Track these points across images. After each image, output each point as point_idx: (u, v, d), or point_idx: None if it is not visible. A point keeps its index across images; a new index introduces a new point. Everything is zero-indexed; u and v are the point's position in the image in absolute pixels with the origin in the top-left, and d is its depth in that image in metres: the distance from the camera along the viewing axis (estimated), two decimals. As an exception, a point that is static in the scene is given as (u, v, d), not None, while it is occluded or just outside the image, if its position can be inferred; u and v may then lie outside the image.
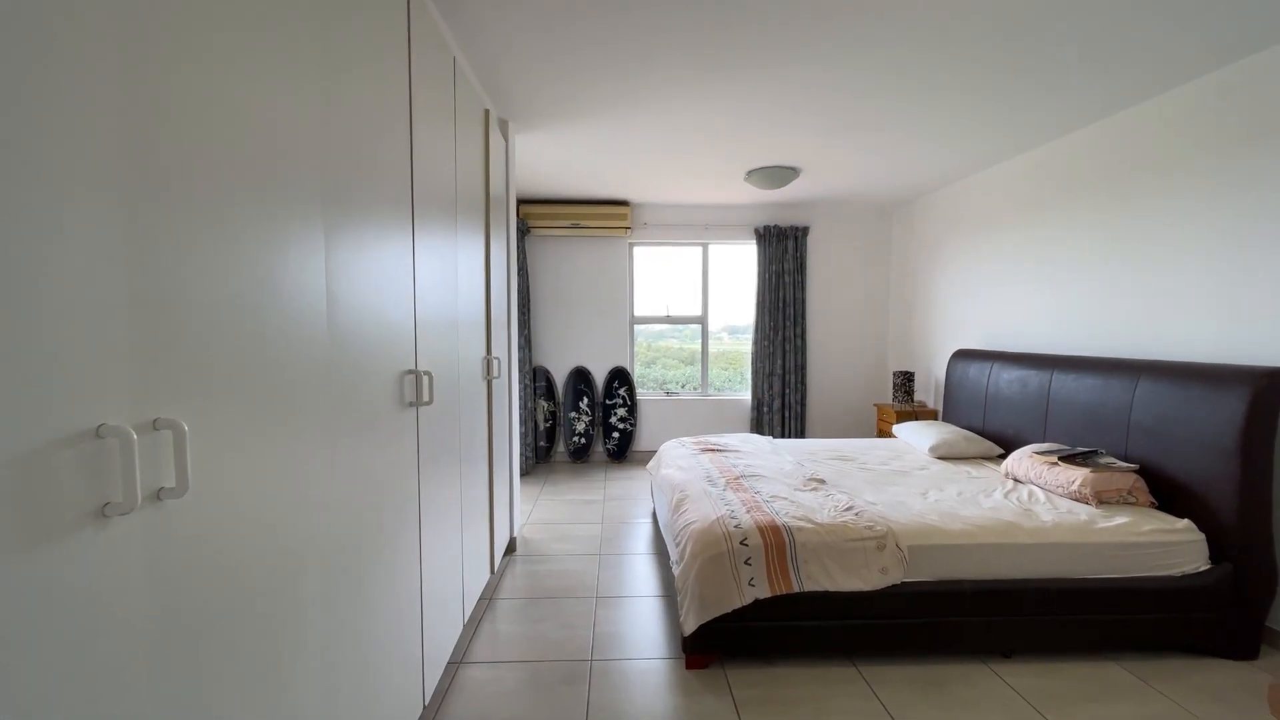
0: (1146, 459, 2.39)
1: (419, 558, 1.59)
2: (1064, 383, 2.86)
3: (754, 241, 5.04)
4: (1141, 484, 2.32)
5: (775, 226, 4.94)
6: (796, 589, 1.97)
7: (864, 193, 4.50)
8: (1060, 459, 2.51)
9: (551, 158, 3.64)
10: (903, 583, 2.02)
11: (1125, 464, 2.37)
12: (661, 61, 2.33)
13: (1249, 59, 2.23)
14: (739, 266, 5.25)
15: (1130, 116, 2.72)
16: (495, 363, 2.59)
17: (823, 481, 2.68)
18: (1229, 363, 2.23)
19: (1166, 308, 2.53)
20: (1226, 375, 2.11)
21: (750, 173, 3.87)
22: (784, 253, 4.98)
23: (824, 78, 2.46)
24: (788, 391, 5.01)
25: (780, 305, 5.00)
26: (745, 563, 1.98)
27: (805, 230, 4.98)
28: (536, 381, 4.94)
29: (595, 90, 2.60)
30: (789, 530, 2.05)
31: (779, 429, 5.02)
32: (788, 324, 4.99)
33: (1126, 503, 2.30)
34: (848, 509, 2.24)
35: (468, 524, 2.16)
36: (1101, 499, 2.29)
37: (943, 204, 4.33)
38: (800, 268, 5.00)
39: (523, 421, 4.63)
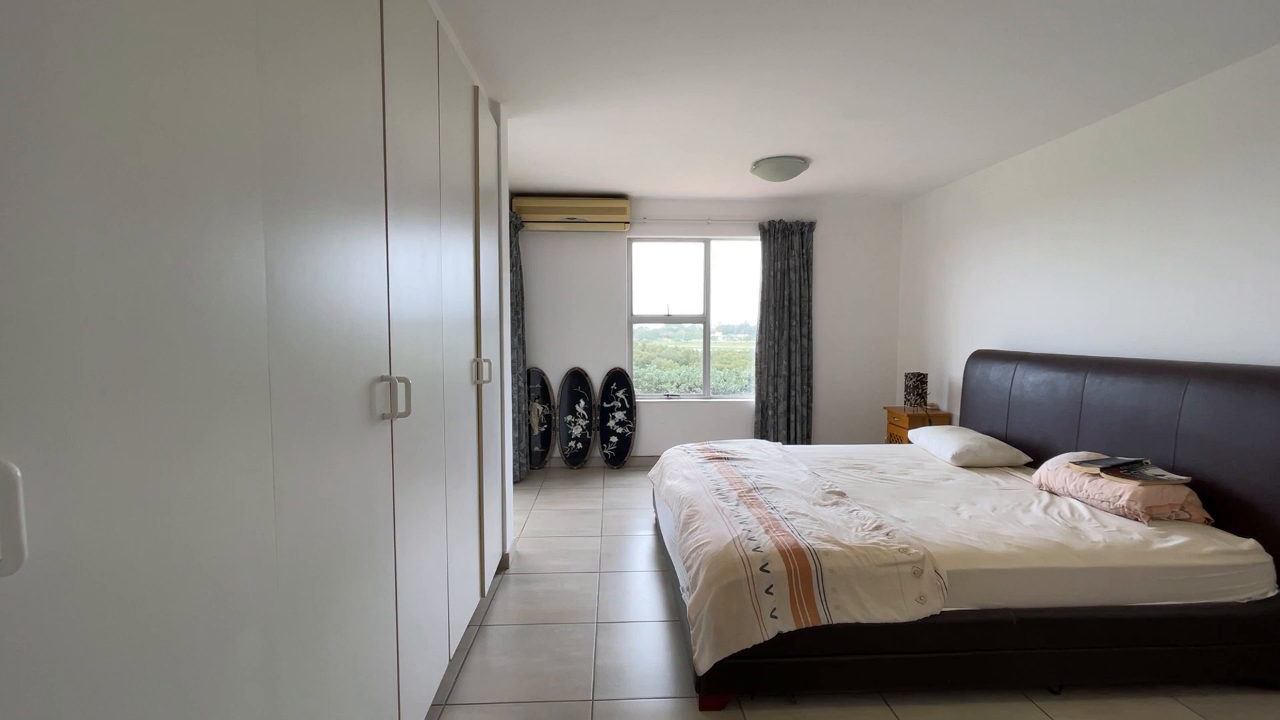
0: (1198, 470, 2.19)
1: (394, 588, 1.37)
2: (1099, 386, 2.66)
3: (758, 237, 4.83)
4: (1195, 498, 2.12)
5: (780, 221, 4.73)
6: (824, 621, 1.76)
7: (874, 185, 4.29)
8: (1102, 470, 2.30)
9: (546, 146, 3.41)
10: (941, 612, 1.80)
11: (1176, 476, 2.17)
12: (665, 36, 2.11)
13: (1315, 32, 2.02)
14: (742, 263, 5.03)
15: (1175, 98, 2.52)
16: (485, 365, 2.36)
17: (843, 494, 2.46)
18: (1296, 365, 2.03)
19: (1219, 304, 2.33)
20: (1295, 379, 1.91)
21: (758, 163, 3.66)
22: (789, 249, 4.77)
23: (838, 58, 2.25)
24: (794, 394, 4.81)
25: (785, 304, 4.79)
26: (767, 591, 1.77)
27: (812, 225, 4.77)
28: (531, 384, 4.71)
29: (594, 68, 2.38)
30: (814, 554, 1.83)
31: (785, 433, 4.81)
32: (793, 323, 4.78)
33: (1179, 519, 2.10)
34: (876, 528, 2.03)
35: (454, 543, 1.93)
36: (1153, 515, 2.09)
37: (958, 196, 4.13)
38: (806, 264, 4.79)
39: (516, 426, 4.40)
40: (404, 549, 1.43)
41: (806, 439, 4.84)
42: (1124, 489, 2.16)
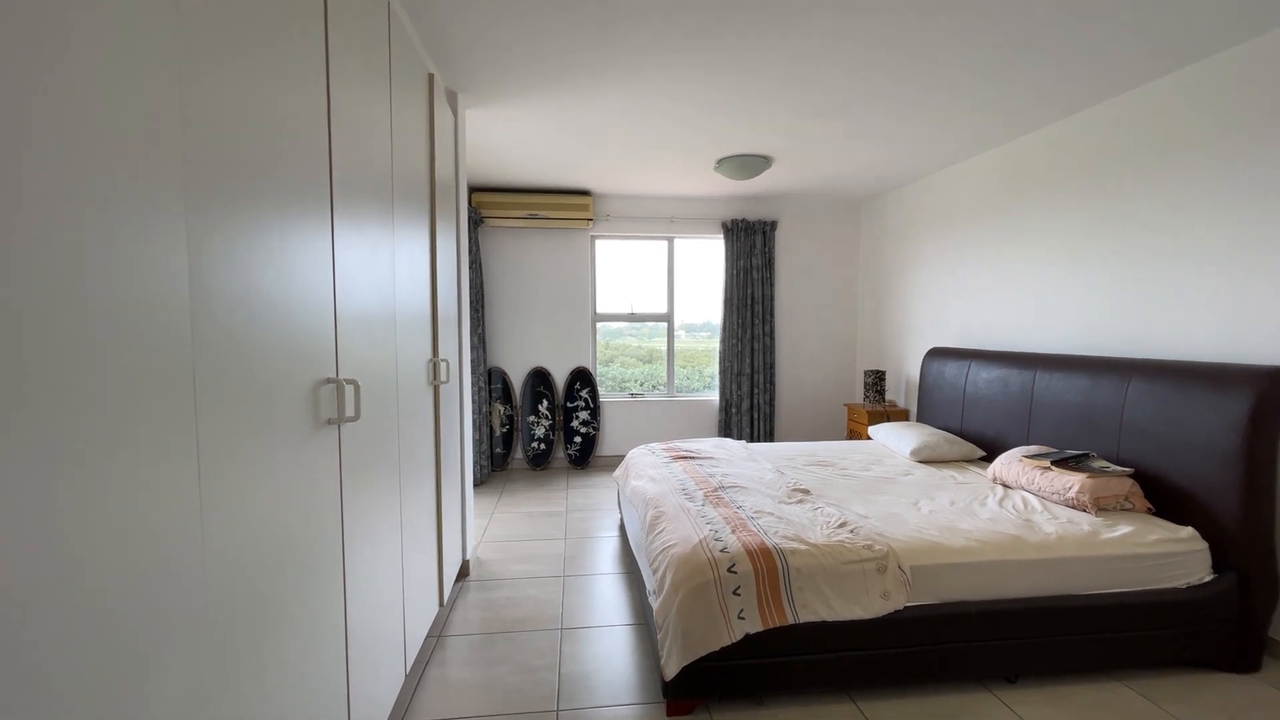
0: (1141, 462, 2.29)
1: (343, 603, 1.28)
2: (1049, 382, 2.75)
3: (721, 236, 4.84)
4: (1138, 489, 2.21)
5: (743, 220, 4.75)
6: (791, 621, 1.75)
7: (834, 185, 4.36)
8: (1052, 463, 2.38)
9: (507, 139, 3.32)
10: (905, 607, 1.82)
11: (1120, 468, 2.26)
12: (629, 27, 2.07)
13: (1247, 44, 2.14)
14: (705, 262, 5.04)
15: (1119, 104, 2.63)
16: (443, 365, 2.27)
17: (808, 492, 2.47)
18: (1231, 361, 2.14)
19: (1161, 303, 2.44)
20: (1229, 375, 2.01)
21: (721, 161, 3.65)
22: (752, 248, 4.80)
23: (800, 60, 2.25)
24: (757, 392, 4.84)
25: (748, 302, 4.81)
26: (734, 593, 1.75)
27: (774, 224, 4.81)
28: (492, 384, 4.60)
29: (554, 59, 2.31)
30: (781, 553, 1.82)
31: (748, 431, 4.84)
32: (756, 322, 4.82)
33: (1124, 509, 2.19)
34: (841, 525, 2.04)
35: (410, 552, 1.84)
36: (1100, 506, 2.17)
37: (915, 198, 4.23)
38: (769, 263, 4.83)
39: (477, 428, 4.28)
40: (354, 561, 1.34)
41: (770, 436, 4.88)
42: (1073, 481, 2.23)
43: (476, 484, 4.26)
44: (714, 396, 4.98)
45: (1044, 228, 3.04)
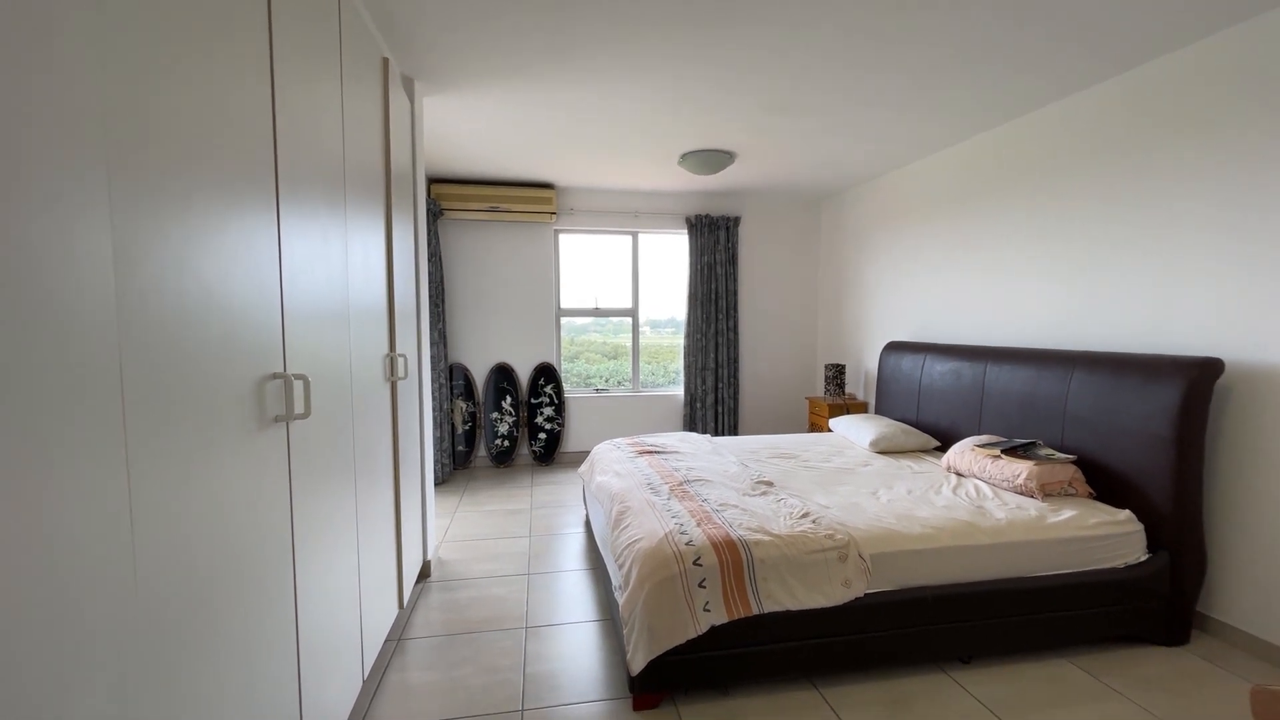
0: (1082, 449, 2.40)
1: (294, 609, 1.23)
2: (998, 374, 2.86)
3: (685, 231, 4.85)
4: (1080, 475, 2.32)
5: (707, 216, 4.77)
6: (756, 611, 1.77)
7: (796, 182, 4.42)
8: (1002, 451, 2.48)
9: (468, 130, 3.24)
10: (865, 594, 1.87)
11: (1064, 455, 2.37)
12: (587, 15, 2.03)
13: (1177, 52, 2.25)
14: (669, 257, 5.04)
15: (1062, 108, 2.74)
16: (401, 361, 2.20)
17: (771, 484, 2.51)
18: (1162, 353, 2.26)
19: (1100, 298, 2.56)
20: (1160, 366, 2.13)
21: (685, 156, 3.65)
22: (716, 243, 4.83)
23: (763, 53, 2.26)
24: (721, 386, 4.88)
25: (713, 297, 4.84)
26: (700, 585, 1.75)
27: (737, 220, 4.85)
28: (453, 380, 4.50)
29: (515, 46, 2.26)
30: (745, 545, 1.84)
31: (713, 425, 4.88)
32: (720, 317, 4.85)
33: (1067, 494, 2.29)
34: (803, 515, 2.07)
35: (367, 553, 1.78)
36: (1046, 491, 2.27)
37: (872, 196, 4.33)
38: (732, 259, 4.87)
39: (438, 425, 4.18)
40: (305, 564, 1.29)
41: (734, 430, 4.94)
42: (1021, 469, 2.33)
43: (438, 482, 4.16)
44: (679, 391, 5.00)
45: (993, 226, 3.16)
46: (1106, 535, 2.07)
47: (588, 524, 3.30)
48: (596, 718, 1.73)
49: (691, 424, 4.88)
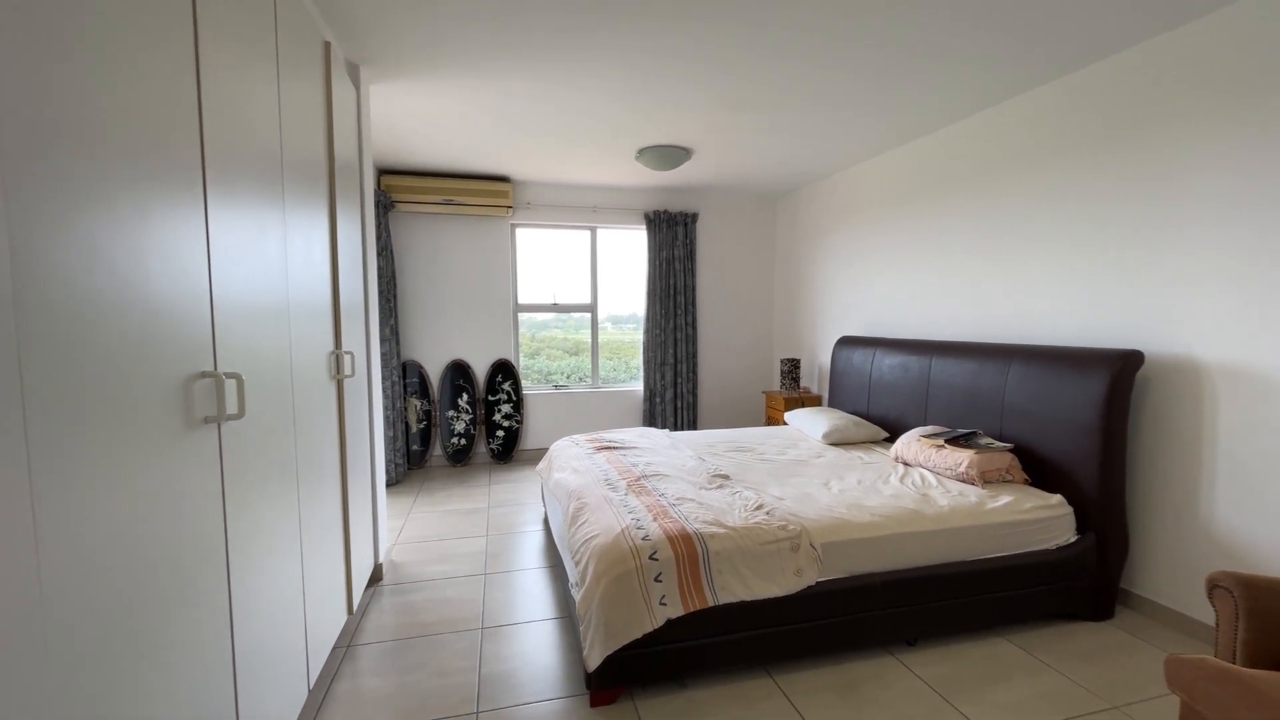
0: (1019, 438, 2.53)
1: (229, 620, 1.17)
2: (943, 367, 2.98)
3: (644, 227, 4.85)
4: (1016, 462, 2.44)
5: (665, 211, 4.79)
6: (711, 603, 1.79)
7: (751, 179, 4.48)
8: (946, 441, 2.58)
9: (419, 120, 3.14)
10: (817, 582, 1.92)
11: (1002, 444, 2.49)
12: (538, 4, 2.00)
13: (1106, 60, 2.38)
14: (629, 253, 5.04)
15: (999, 113, 2.87)
16: (348, 358, 2.13)
17: (727, 477, 2.54)
18: (1090, 346, 2.40)
19: (1034, 295, 2.70)
20: (1088, 358, 2.26)
21: (641, 151, 3.65)
22: (674, 239, 4.85)
23: (718, 48, 2.28)
24: (680, 381, 4.92)
25: (671, 293, 4.87)
26: (656, 579, 1.76)
27: (695, 217, 4.89)
28: (407, 378, 4.38)
29: (466, 33, 2.20)
30: (701, 538, 1.86)
31: (672, 420, 4.91)
32: (679, 312, 4.88)
33: (1005, 481, 2.41)
34: (757, 507, 2.11)
35: (312, 559, 1.72)
36: (986, 479, 2.38)
37: (826, 193, 4.43)
38: (690, 255, 4.90)
39: (391, 424, 4.06)
40: (241, 573, 1.23)
41: (693, 424, 4.98)
42: (963, 457, 2.43)
43: (392, 483, 4.05)
44: (639, 387, 5.01)
45: (938, 225, 3.28)
46: (1040, 519, 2.18)
47: (546, 522, 3.28)
48: (554, 716, 1.72)
49: (651, 419, 4.90)
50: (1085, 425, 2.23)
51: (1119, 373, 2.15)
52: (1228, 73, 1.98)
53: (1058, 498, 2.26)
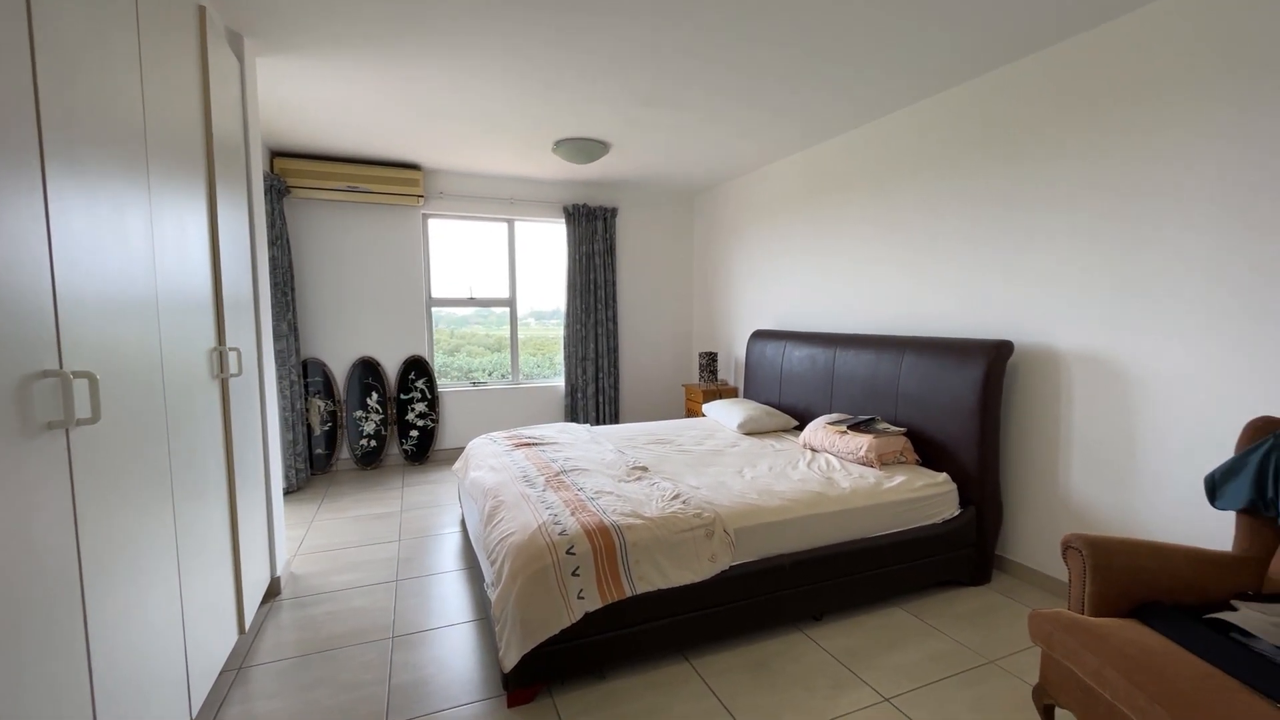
0: (911, 423, 2.74)
1: (85, 652, 1.04)
2: (846, 358, 3.17)
3: (563, 220, 4.80)
4: (909, 445, 2.64)
5: (585, 206, 4.76)
6: (629, 593, 1.81)
7: (670, 175, 4.54)
8: (848, 427, 2.75)
9: (318, 100, 2.92)
10: (730, 567, 1.98)
11: (897, 428, 2.69)
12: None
13: (995, 71, 2.62)
14: (549, 247, 4.97)
15: (893, 121, 3.08)
16: (233, 356, 1.95)
17: (646, 469, 2.57)
18: (970, 337, 2.64)
19: (925, 290, 2.93)
20: (968, 348, 2.48)
21: (559, 144, 3.60)
22: (594, 233, 4.83)
23: (629, 43, 2.29)
24: (601, 376, 4.92)
25: (591, 288, 4.85)
26: (573, 574, 1.75)
27: (614, 211, 4.89)
28: (309, 377, 4.09)
29: (357, 6, 2.07)
30: (619, 530, 1.87)
31: (594, 415, 4.91)
32: (599, 307, 4.88)
33: (900, 463, 2.61)
34: (674, 497, 2.15)
35: (193, 575, 1.56)
36: (883, 461, 2.56)
37: (740, 192, 4.58)
38: (610, 249, 4.90)
39: (290, 426, 3.78)
40: (100, 596, 1.10)
41: (615, 419, 5.00)
42: (863, 442, 2.61)
43: (292, 490, 3.77)
44: (560, 382, 4.96)
45: (840, 224, 3.48)
46: (930, 496, 2.38)
47: (464, 523, 3.17)
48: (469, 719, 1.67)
49: (573, 414, 4.87)
50: (966, 409, 2.45)
51: (993, 361, 2.38)
52: (1079, 92, 2.24)
53: (944, 476, 2.48)
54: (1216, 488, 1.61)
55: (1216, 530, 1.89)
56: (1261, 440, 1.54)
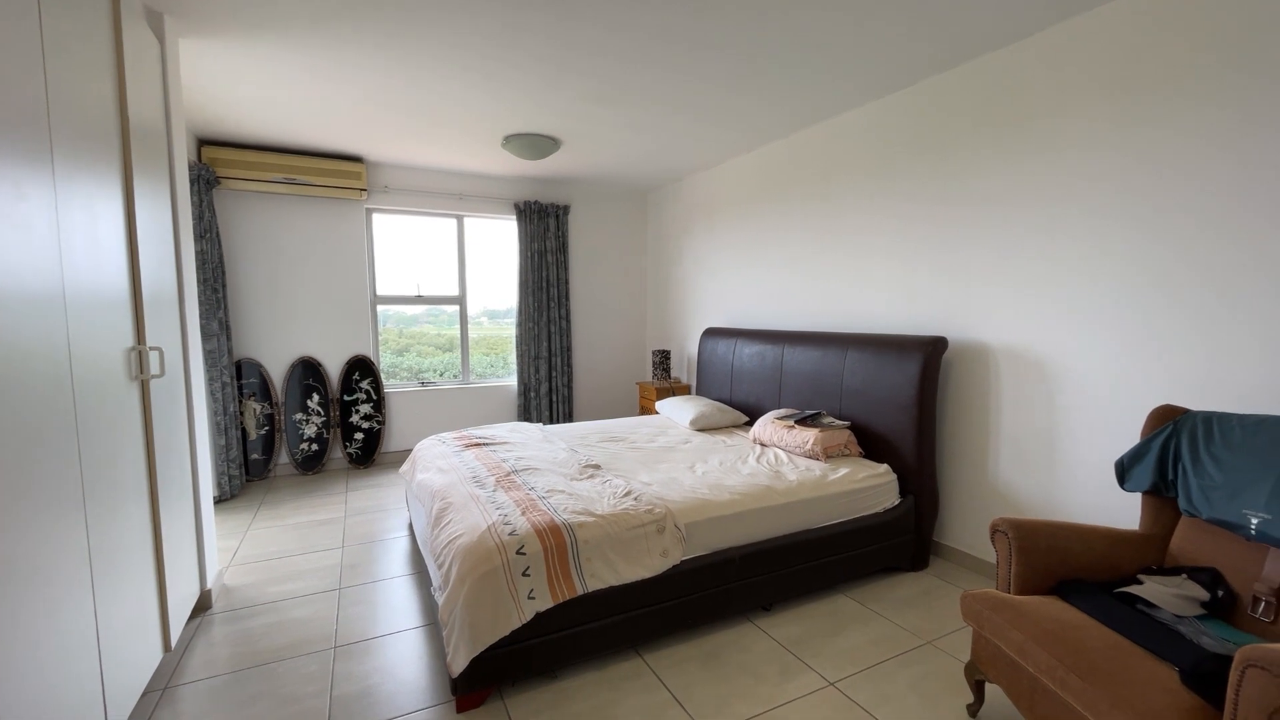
0: (855, 416, 2.84)
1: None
2: (793, 355, 3.26)
3: (514, 217, 4.73)
4: (853, 438, 2.74)
5: (536, 202, 4.70)
6: (580, 591, 1.80)
7: (621, 173, 4.54)
8: (795, 422, 2.83)
9: (251, 87, 2.77)
10: (681, 561, 2.01)
11: (841, 422, 2.78)
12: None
13: (925, 80, 2.74)
14: (499, 244, 4.88)
15: (831, 126, 3.18)
16: (154, 356, 1.83)
17: (598, 467, 2.57)
18: (908, 333, 2.76)
19: (868, 288, 3.04)
20: (906, 344, 2.59)
21: (508, 139, 3.54)
22: (546, 231, 4.78)
23: (580, 41, 2.28)
24: (555, 375, 4.88)
25: (544, 286, 4.80)
26: (524, 574, 1.73)
27: (566, 209, 4.85)
28: (244, 378, 3.88)
29: (301, -6, 1.98)
30: (570, 528, 1.86)
31: (548, 414, 4.86)
32: (552, 305, 4.83)
33: (844, 455, 2.70)
34: (626, 494, 2.16)
35: (109, 593, 1.46)
36: (829, 454, 2.64)
37: (691, 191, 4.63)
38: (563, 247, 4.86)
39: (222, 431, 3.57)
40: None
41: (569, 417, 4.97)
42: (809, 436, 2.68)
43: (226, 498, 3.57)
44: (513, 381, 4.89)
45: (785, 224, 3.57)
46: (872, 486, 2.48)
47: (411, 527, 3.08)
48: (415, 728, 1.63)
49: (526, 414, 4.81)
50: (905, 402, 2.56)
51: (929, 356, 2.50)
52: (1000, 103, 2.37)
53: (884, 467, 2.58)
54: (1125, 471, 1.74)
55: (1128, 511, 2.04)
56: (1163, 427, 1.67)
